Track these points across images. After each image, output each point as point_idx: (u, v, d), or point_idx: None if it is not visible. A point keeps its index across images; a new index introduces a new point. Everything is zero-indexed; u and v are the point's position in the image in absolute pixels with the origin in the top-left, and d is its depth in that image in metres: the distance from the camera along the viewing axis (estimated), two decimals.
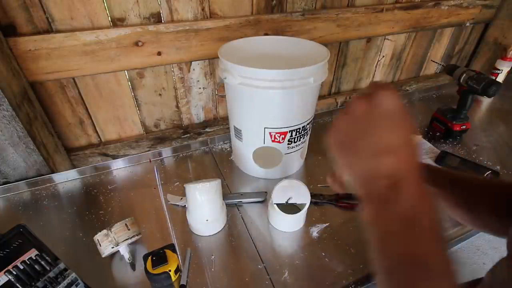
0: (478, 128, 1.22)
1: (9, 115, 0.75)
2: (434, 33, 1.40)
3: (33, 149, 0.83)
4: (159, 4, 0.84)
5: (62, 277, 0.56)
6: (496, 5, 1.43)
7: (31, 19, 0.74)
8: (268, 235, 0.77)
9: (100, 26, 0.81)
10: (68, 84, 0.86)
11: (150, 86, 0.97)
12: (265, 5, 0.97)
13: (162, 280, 0.58)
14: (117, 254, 0.71)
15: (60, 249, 0.71)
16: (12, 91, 0.74)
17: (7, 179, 0.88)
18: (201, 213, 0.74)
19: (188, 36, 0.90)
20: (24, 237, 0.57)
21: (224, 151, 1.08)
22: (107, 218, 0.81)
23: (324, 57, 0.77)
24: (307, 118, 0.85)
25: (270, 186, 0.79)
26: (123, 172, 0.98)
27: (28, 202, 0.87)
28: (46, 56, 0.78)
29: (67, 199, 0.88)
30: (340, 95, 1.34)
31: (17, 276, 0.51)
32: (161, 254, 0.60)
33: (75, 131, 0.96)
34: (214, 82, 1.04)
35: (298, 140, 0.87)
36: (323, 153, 1.06)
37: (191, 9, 0.88)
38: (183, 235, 0.77)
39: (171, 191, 0.90)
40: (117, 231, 0.67)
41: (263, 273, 0.68)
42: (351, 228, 0.79)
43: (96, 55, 0.83)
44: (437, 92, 1.52)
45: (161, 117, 1.05)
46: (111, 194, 0.89)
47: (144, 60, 0.89)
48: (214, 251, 0.73)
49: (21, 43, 0.75)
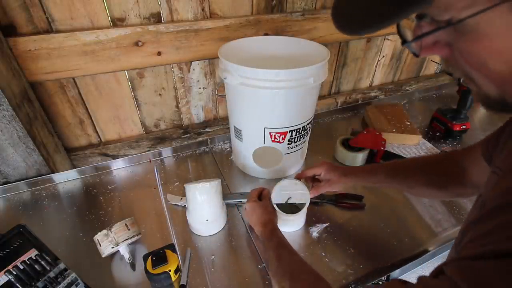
0: (478, 128, 1.22)
1: (9, 115, 0.75)
2: None
3: (33, 149, 0.83)
4: (159, 4, 0.84)
5: (62, 277, 0.56)
6: None
7: (31, 19, 0.74)
8: None
9: (100, 26, 0.81)
10: (68, 84, 0.86)
11: (150, 86, 0.97)
12: (265, 5, 0.97)
13: (162, 280, 0.58)
14: (117, 254, 0.71)
15: (60, 249, 0.71)
16: (12, 91, 0.74)
17: (7, 179, 0.88)
18: (201, 213, 0.74)
19: (188, 36, 0.90)
20: (24, 237, 0.57)
21: (224, 151, 1.08)
22: (107, 218, 0.81)
23: (324, 57, 0.77)
24: (307, 118, 0.85)
25: (270, 186, 0.79)
26: (123, 172, 0.98)
27: (28, 202, 0.87)
28: (46, 56, 0.78)
29: (67, 199, 0.88)
30: (340, 95, 1.34)
31: (17, 276, 0.51)
32: (161, 254, 0.60)
33: (75, 131, 0.96)
34: (214, 82, 1.04)
35: (298, 140, 0.87)
36: (323, 153, 1.06)
37: (191, 9, 0.88)
38: (183, 235, 0.77)
39: (171, 191, 0.90)
40: (117, 231, 0.67)
41: (263, 273, 0.68)
42: (351, 228, 0.79)
43: (96, 55, 0.83)
44: (437, 92, 1.52)
45: (161, 117, 1.05)
46: (111, 194, 0.89)
47: (144, 60, 0.89)
48: (214, 251, 0.73)
49: (21, 43, 0.75)
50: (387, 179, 0.70)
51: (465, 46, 0.30)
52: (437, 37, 0.32)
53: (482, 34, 0.28)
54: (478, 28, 0.27)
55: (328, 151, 1.06)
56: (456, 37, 0.30)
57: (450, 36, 0.31)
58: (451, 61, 0.33)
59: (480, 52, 0.29)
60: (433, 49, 0.33)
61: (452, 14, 0.27)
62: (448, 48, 0.32)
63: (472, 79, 0.33)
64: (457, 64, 0.32)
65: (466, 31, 0.28)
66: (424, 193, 0.71)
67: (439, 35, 0.31)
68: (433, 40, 0.32)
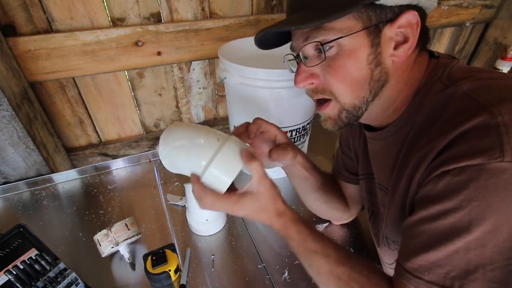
0: None
1: (9, 115, 0.75)
2: (434, 33, 1.40)
3: (33, 149, 0.83)
4: (159, 4, 0.84)
5: (62, 277, 0.56)
6: (496, 5, 1.43)
7: (31, 19, 0.74)
8: (268, 235, 0.77)
9: (100, 26, 0.81)
10: (68, 84, 0.86)
11: (150, 86, 0.97)
12: (265, 5, 0.97)
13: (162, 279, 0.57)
14: (117, 254, 0.71)
15: (60, 249, 0.71)
16: (12, 91, 0.74)
17: (7, 179, 0.88)
18: (201, 213, 0.74)
19: (188, 36, 0.90)
20: (24, 237, 0.57)
21: None
22: (107, 218, 0.81)
23: None
24: (307, 118, 0.85)
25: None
26: (123, 172, 0.98)
27: (28, 202, 0.87)
28: (46, 56, 0.78)
29: (67, 199, 0.88)
30: None
31: (17, 276, 0.51)
32: (161, 254, 0.60)
33: (75, 131, 0.96)
34: (214, 82, 1.04)
35: (298, 140, 0.87)
36: (323, 153, 1.06)
37: (191, 9, 0.88)
38: (183, 235, 0.77)
39: (171, 191, 0.90)
40: (117, 231, 0.67)
41: (263, 273, 0.68)
42: (351, 228, 0.79)
43: (96, 55, 0.83)
44: None
45: (161, 117, 1.05)
46: (111, 194, 0.89)
47: (144, 60, 0.89)
48: (214, 251, 0.73)
49: (21, 43, 0.75)
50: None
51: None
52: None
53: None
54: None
55: (328, 151, 1.06)
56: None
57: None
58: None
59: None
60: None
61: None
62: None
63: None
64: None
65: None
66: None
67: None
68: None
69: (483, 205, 0.31)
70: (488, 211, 0.31)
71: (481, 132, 0.32)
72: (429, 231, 0.35)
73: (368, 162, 0.56)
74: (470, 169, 0.31)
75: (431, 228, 0.35)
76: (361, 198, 0.69)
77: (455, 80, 0.39)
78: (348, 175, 0.67)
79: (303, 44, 0.43)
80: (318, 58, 0.43)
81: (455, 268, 0.33)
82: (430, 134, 0.38)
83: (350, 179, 0.67)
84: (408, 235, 0.39)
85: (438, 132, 0.36)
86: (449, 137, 0.34)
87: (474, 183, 0.31)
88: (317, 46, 0.42)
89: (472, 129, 0.33)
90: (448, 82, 0.39)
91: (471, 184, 0.31)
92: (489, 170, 0.30)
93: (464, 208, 0.32)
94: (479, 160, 0.31)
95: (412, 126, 0.42)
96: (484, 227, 0.31)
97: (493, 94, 0.35)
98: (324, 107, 0.46)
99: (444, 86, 0.39)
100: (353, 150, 0.63)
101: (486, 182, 0.31)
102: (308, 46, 0.43)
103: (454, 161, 0.33)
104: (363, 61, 0.41)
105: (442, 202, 0.34)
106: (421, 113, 0.41)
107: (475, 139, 0.32)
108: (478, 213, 0.31)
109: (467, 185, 0.32)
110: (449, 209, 0.33)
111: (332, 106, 0.46)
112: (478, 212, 0.31)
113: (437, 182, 0.34)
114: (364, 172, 0.59)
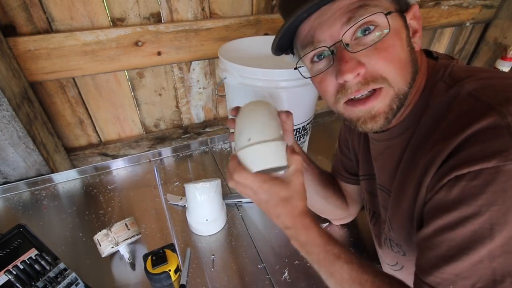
0: None
1: (9, 115, 0.75)
2: (434, 33, 1.40)
3: (33, 149, 0.83)
4: (159, 4, 0.84)
5: (62, 277, 0.56)
6: (496, 5, 1.43)
7: (31, 19, 0.74)
8: (268, 235, 0.77)
9: (100, 26, 0.81)
10: (68, 84, 0.86)
11: (150, 86, 0.97)
12: (265, 5, 0.97)
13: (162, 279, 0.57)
14: (117, 254, 0.71)
15: (60, 249, 0.71)
16: (12, 91, 0.74)
17: (7, 179, 0.88)
18: (201, 213, 0.74)
19: (188, 36, 0.90)
20: (24, 237, 0.57)
21: (224, 151, 1.08)
22: (107, 218, 0.81)
23: None
24: (307, 118, 0.85)
25: None
26: (123, 172, 0.98)
27: (28, 202, 0.87)
28: (46, 56, 0.78)
29: (67, 199, 0.88)
30: None
31: (17, 276, 0.51)
32: (161, 254, 0.60)
33: (75, 131, 0.96)
34: (214, 82, 1.04)
35: (298, 140, 0.87)
36: (323, 153, 1.06)
37: (191, 9, 0.88)
38: (183, 235, 0.77)
39: (171, 191, 0.90)
40: (117, 231, 0.67)
41: (263, 273, 0.68)
42: (351, 228, 0.79)
43: (96, 55, 0.83)
44: None
45: (161, 117, 1.05)
46: (111, 194, 0.89)
47: (144, 60, 0.89)
48: (214, 251, 0.73)
49: (21, 43, 0.75)
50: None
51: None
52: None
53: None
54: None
55: (328, 151, 1.06)
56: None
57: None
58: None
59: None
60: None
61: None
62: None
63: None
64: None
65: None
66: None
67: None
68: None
69: (503, 209, 0.30)
70: (509, 214, 0.29)
71: (492, 133, 0.31)
72: (448, 241, 0.33)
73: (370, 163, 0.55)
74: (485, 172, 0.30)
75: (450, 237, 0.33)
76: (360, 198, 0.69)
77: (457, 79, 0.38)
78: (347, 175, 0.67)
79: (348, 26, 0.37)
80: (362, 42, 0.38)
81: (481, 279, 0.31)
82: (436, 136, 0.37)
83: (349, 179, 0.67)
84: (425, 246, 0.37)
85: (445, 133, 0.35)
86: (458, 139, 0.33)
87: (491, 186, 0.30)
88: (361, 27, 0.37)
89: (483, 130, 0.31)
90: (451, 82, 0.39)
91: (489, 188, 0.30)
92: (506, 172, 0.29)
93: (484, 214, 0.30)
94: (494, 162, 0.30)
95: (417, 128, 0.41)
96: (507, 232, 0.30)
97: (498, 93, 0.34)
98: (373, 98, 0.39)
99: (447, 86, 0.39)
100: (352, 151, 0.63)
101: (504, 185, 0.29)
102: (351, 29, 0.37)
103: (467, 165, 0.31)
104: (405, 42, 0.39)
105: (459, 209, 0.32)
106: (426, 114, 0.40)
107: (488, 140, 0.31)
108: (499, 218, 0.30)
109: (485, 189, 0.30)
110: (467, 216, 0.31)
111: (385, 93, 0.39)
112: (499, 217, 0.30)
113: (451, 188, 0.33)
114: (365, 173, 0.59)
